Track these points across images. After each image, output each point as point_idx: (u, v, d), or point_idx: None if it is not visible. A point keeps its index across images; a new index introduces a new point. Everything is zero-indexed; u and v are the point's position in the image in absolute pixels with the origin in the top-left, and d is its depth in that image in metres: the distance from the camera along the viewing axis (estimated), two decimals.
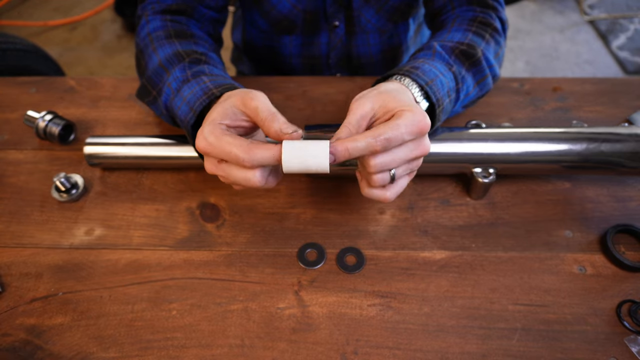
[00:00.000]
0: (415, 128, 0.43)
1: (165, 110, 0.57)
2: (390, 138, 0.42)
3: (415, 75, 0.51)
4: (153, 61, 0.59)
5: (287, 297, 0.53)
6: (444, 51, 0.57)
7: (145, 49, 0.61)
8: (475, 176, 0.58)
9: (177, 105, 0.53)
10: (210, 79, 0.53)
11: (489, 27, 0.63)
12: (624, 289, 0.53)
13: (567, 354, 0.48)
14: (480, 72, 0.60)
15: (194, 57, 0.58)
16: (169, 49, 0.59)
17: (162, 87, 0.57)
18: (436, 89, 0.52)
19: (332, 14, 0.76)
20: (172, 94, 0.55)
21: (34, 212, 0.61)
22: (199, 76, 0.54)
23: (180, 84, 0.54)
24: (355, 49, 0.83)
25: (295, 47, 0.83)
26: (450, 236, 0.58)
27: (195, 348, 0.49)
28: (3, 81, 0.79)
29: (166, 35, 0.61)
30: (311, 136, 0.53)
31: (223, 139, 0.44)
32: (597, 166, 0.57)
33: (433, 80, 0.52)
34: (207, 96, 0.51)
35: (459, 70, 0.57)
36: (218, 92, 0.50)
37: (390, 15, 0.78)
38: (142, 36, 0.63)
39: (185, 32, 0.62)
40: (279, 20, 0.78)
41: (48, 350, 0.49)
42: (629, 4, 2.42)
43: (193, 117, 0.51)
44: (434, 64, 0.54)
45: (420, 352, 0.49)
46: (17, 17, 2.38)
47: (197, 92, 0.52)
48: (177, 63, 0.57)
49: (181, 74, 0.55)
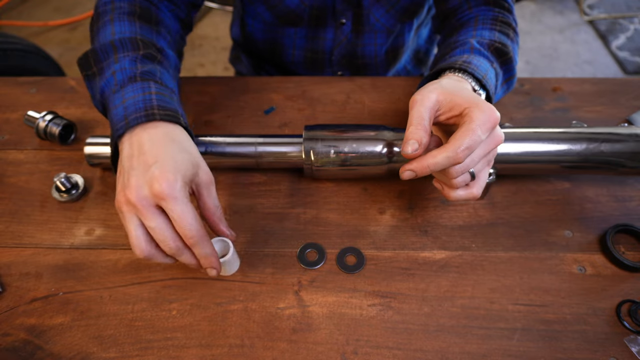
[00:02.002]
0: (489, 124, 0.43)
1: (100, 96, 0.53)
2: (470, 146, 0.43)
3: (472, 69, 0.51)
4: (105, 33, 0.55)
5: (287, 297, 0.53)
6: (482, 48, 0.57)
7: (102, 15, 0.58)
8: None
9: (114, 102, 0.50)
10: (157, 89, 0.50)
11: (509, 26, 0.63)
12: (623, 289, 0.53)
13: (567, 354, 0.48)
14: (510, 71, 0.59)
15: (149, 51, 0.54)
16: (127, 28, 0.56)
17: (105, 68, 0.53)
18: (490, 83, 0.52)
19: (341, 11, 0.76)
20: (114, 85, 0.51)
21: (34, 212, 0.61)
22: (147, 80, 0.51)
23: (125, 79, 0.51)
24: (360, 47, 0.83)
25: (299, 39, 0.83)
26: (450, 236, 0.58)
27: (195, 348, 0.49)
28: (3, 81, 0.79)
29: (130, 11, 0.57)
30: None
31: (188, 204, 0.44)
32: (597, 166, 0.57)
33: (486, 73, 0.52)
34: (146, 114, 0.47)
35: (497, 67, 0.57)
36: (159, 115, 0.47)
37: (400, 15, 0.77)
38: (104, 0, 0.59)
39: (151, 15, 0.59)
40: (286, 14, 0.77)
41: (48, 350, 0.49)
42: (629, 4, 2.42)
43: (124, 128, 0.47)
44: (480, 58, 0.54)
45: (420, 352, 0.49)
46: (18, 17, 2.38)
47: (137, 102, 0.48)
48: (130, 51, 0.53)
49: (130, 66, 0.52)
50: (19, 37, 1.27)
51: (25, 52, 1.23)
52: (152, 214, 0.43)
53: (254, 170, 0.65)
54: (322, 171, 0.58)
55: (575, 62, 2.16)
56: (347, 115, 0.72)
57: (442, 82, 0.48)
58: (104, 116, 0.56)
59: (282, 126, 0.71)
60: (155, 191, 0.43)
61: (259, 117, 0.72)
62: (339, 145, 0.57)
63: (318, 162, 0.57)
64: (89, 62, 0.55)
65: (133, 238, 0.44)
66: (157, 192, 0.43)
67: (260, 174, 0.65)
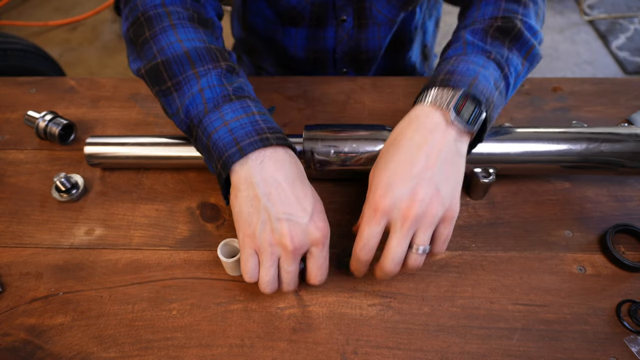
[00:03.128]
0: (377, 216, 0.44)
1: (185, 116, 0.49)
2: (365, 244, 0.45)
3: (454, 83, 0.46)
4: (171, 41, 0.50)
5: (287, 297, 0.53)
6: (476, 39, 0.52)
7: (156, 18, 0.51)
8: (475, 176, 0.58)
9: (212, 125, 0.46)
10: (257, 109, 0.48)
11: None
12: (623, 289, 0.53)
13: (567, 353, 0.48)
14: (525, 45, 0.52)
15: (229, 63, 0.51)
16: (194, 35, 0.51)
17: (184, 84, 0.49)
18: (482, 87, 0.46)
19: (341, 7, 0.75)
20: (204, 104, 0.47)
21: (34, 212, 0.61)
22: (243, 98, 0.48)
23: (219, 99, 0.47)
24: (364, 42, 0.82)
25: (300, 39, 0.82)
26: None
27: (195, 348, 0.49)
28: (3, 81, 0.79)
29: (189, 17, 0.53)
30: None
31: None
32: (597, 166, 0.57)
33: (475, 78, 0.46)
34: (261, 139, 0.45)
35: (501, 54, 0.51)
36: (272, 139, 0.45)
37: (402, 5, 0.76)
38: (152, 3, 0.53)
39: (204, 19, 0.55)
40: (287, 10, 0.77)
41: (48, 350, 0.49)
42: (629, 4, 2.42)
43: (238, 155, 0.44)
44: (469, 58, 0.49)
45: (420, 352, 0.49)
46: (17, 17, 2.38)
47: (245, 125, 0.46)
48: (211, 63, 0.49)
49: (219, 83, 0.48)
50: (19, 37, 1.27)
51: (25, 52, 1.23)
52: (294, 260, 0.45)
53: None
54: (322, 171, 0.58)
55: (575, 62, 2.16)
56: (347, 115, 0.72)
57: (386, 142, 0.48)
58: (187, 135, 0.52)
59: (282, 126, 0.71)
60: (315, 239, 0.45)
61: None
62: (339, 145, 0.57)
63: (318, 162, 0.57)
64: (162, 76, 0.50)
65: (268, 276, 0.46)
66: (316, 240, 0.45)
67: None
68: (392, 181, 0.43)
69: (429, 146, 0.44)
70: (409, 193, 0.42)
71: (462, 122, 0.44)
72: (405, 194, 0.42)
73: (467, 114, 0.45)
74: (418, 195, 0.42)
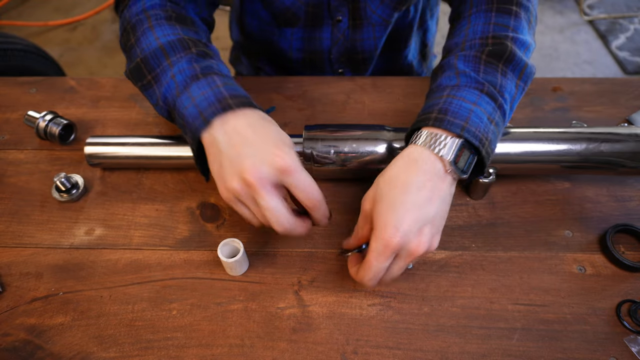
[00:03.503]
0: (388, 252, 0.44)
1: (163, 102, 0.53)
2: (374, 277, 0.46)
3: (447, 124, 0.47)
4: (149, 40, 0.54)
5: (287, 297, 0.53)
6: (468, 68, 0.52)
7: (138, 24, 0.56)
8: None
9: (183, 104, 0.50)
10: (222, 81, 0.51)
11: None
12: (623, 288, 0.53)
13: (567, 353, 0.48)
14: (518, 65, 0.52)
15: (200, 49, 0.54)
16: (170, 30, 0.55)
17: (161, 74, 0.53)
18: (474, 128, 0.47)
19: (336, 7, 0.76)
20: (176, 88, 0.51)
21: (35, 212, 0.61)
22: (209, 74, 0.51)
23: (187, 79, 0.51)
24: (359, 42, 0.82)
25: (296, 40, 0.83)
26: (450, 236, 0.58)
27: (195, 348, 0.49)
28: (3, 81, 0.79)
29: (166, 16, 0.57)
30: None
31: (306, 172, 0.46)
32: (597, 166, 0.57)
33: (468, 119, 0.47)
34: (222, 106, 0.48)
35: (494, 83, 0.51)
36: (234, 104, 0.48)
37: (395, 4, 0.76)
38: (136, 11, 0.58)
39: (185, 17, 0.59)
40: (282, 12, 0.77)
41: (48, 350, 0.49)
42: (629, 4, 2.42)
43: (203, 124, 0.47)
44: (462, 94, 0.49)
45: (420, 352, 0.49)
46: (17, 17, 2.38)
47: (209, 96, 0.49)
48: (182, 52, 0.53)
49: (188, 66, 0.52)
50: (19, 37, 1.27)
51: (25, 52, 1.23)
52: (270, 193, 0.44)
53: None
54: (322, 171, 0.58)
55: (575, 62, 2.16)
56: (347, 115, 0.72)
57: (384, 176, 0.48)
58: (170, 122, 0.56)
59: (282, 126, 0.70)
60: (279, 166, 0.44)
61: None
62: (339, 145, 0.57)
63: (318, 162, 0.57)
64: (142, 72, 0.54)
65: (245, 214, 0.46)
66: (280, 167, 0.44)
67: None
68: (402, 222, 0.44)
69: (431, 190, 0.46)
70: (417, 233, 0.45)
71: (457, 171, 0.47)
72: (413, 233, 0.44)
73: (463, 162, 0.47)
74: (424, 237, 0.45)
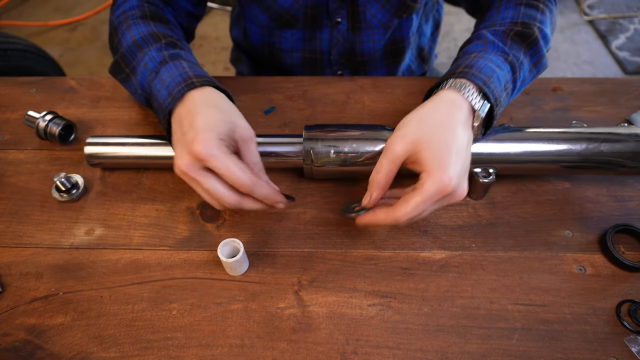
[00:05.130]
0: (439, 196, 0.44)
1: (140, 90, 0.58)
2: (413, 216, 0.45)
3: (471, 76, 0.49)
4: (126, 38, 0.60)
5: (287, 297, 0.53)
6: (496, 39, 0.54)
7: (119, 26, 0.62)
8: (475, 176, 0.58)
9: (156, 88, 0.53)
10: (189, 65, 0.54)
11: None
12: (623, 288, 0.53)
13: (567, 353, 0.48)
14: (537, 53, 0.55)
15: (170, 40, 0.58)
16: (144, 27, 0.60)
17: (136, 65, 0.57)
18: (494, 87, 0.49)
19: (335, 9, 0.76)
20: (149, 74, 0.55)
21: (34, 212, 0.61)
22: (177, 59, 0.55)
23: (157, 65, 0.55)
24: (359, 45, 0.82)
25: (296, 41, 0.83)
26: (450, 236, 0.58)
27: (195, 348, 0.49)
28: (3, 81, 0.79)
29: (142, 15, 0.62)
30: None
31: (229, 157, 0.45)
32: (597, 166, 0.57)
33: (490, 77, 0.50)
34: (187, 84, 0.51)
35: (517, 57, 0.53)
36: (198, 82, 0.51)
37: (396, 10, 0.77)
38: (117, 14, 0.64)
39: (160, 16, 0.64)
40: (280, 15, 0.78)
41: (48, 350, 0.49)
42: (629, 4, 2.42)
43: (172, 103, 0.51)
44: (489, 56, 0.52)
45: (420, 352, 0.49)
46: (17, 17, 2.38)
47: (175, 77, 0.52)
48: (153, 43, 0.58)
49: (157, 54, 0.56)
50: (19, 37, 1.27)
51: (25, 52, 1.23)
52: (202, 177, 0.46)
53: None
54: (322, 171, 0.58)
55: (575, 62, 2.16)
56: (347, 115, 0.72)
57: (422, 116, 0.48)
58: (150, 109, 0.59)
59: (282, 126, 0.71)
60: (194, 154, 0.45)
61: (259, 117, 0.72)
62: (339, 145, 0.57)
63: (318, 162, 0.57)
64: (121, 67, 0.60)
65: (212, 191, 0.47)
66: (196, 155, 0.45)
67: None
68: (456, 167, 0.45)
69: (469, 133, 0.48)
70: (465, 180, 0.46)
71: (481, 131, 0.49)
72: (462, 180, 0.45)
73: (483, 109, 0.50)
74: (465, 183, 0.47)
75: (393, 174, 0.48)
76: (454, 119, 0.47)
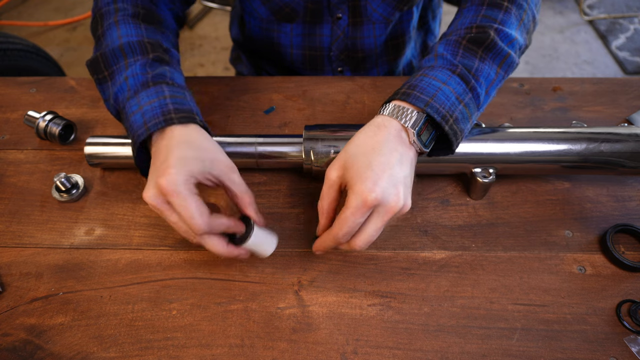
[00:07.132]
0: (364, 209, 0.45)
1: (114, 101, 0.55)
2: (349, 231, 0.46)
3: (413, 98, 0.50)
4: (112, 37, 0.57)
5: (287, 297, 0.53)
6: (447, 52, 0.55)
7: (106, 15, 0.59)
8: (475, 176, 0.58)
9: (131, 109, 0.52)
10: (171, 93, 0.53)
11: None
12: (623, 288, 0.53)
13: (567, 353, 0.48)
14: (499, 54, 0.54)
15: (157, 54, 0.56)
16: (134, 30, 0.57)
17: (116, 74, 0.55)
18: (438, 105, 0.50)
19: (336, 4, 0.76)
20: (127, 90, 0.53)
21: (35, 212, 0.61)
22: (160, 83, 0.53)
23: (139, 86, 0.53)
24: (360, 40, 0.82)
25: (296, 36, 0.83)
26: (450, 236, 0.58)
27: (195, 348, 0.49)
28: (3, 81, 0.79)
29: (133, 13, 0.59)
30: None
31: (191, 197, 0.46)
32: (597, 166, 0.57)
33: (433, 96, 0.50)
34: (165, 119, 0.50)
35: (469, 66, 0.53)
36: (177, 119, 0.50)
37: (397, 3, 0.77)
38: (106, 1, 0.60)
39: (153, 16, 0.61)
40: (281, 7, 0.77)
41: (48, 350, 0.49)
42: (629, 4, 2.42)
43: (145, 134, 0.50)
44: (434, 74, 0.52)
45: (420, 352, 0.49)
46: (18, 17, 2.38)
47: (154, 108, 0.51)
48: (140, 55, 0.55)
49: (141, 71, 0.54)
50: (19, 37, 1.27)
51: (25, 52, 1.23)
52: (165, 210, 0.47)
53: (254, 170, 0.65)
54: (322, 171, 0.58)
55: (575, 62, 2.16)
56: (347, 115, 0.72)
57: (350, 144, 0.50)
58: (117, 119, 0.58)
59: (282, 126, 0.71)
60: (159, 187, 0.46)
61: (259, 117, 0.72)
62: (339, 145, 0.57)
63: (318, 162, 0.57)
64: (100, 66, 0.57)
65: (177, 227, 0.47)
66: (160, 188, 0.46)
67: (260, 174, 0.65)
68: (379, 178, 0.46)
69: (401, 154, 0.48)
70: (394, 191, 0.46)
71: (420, 143, 0.49)
72: (390, 190, 0.46)
73: (426, 136, 0.50)
74: (400, 193, 0.47)
75: (333, 199, 0.50)
76: (378, 137, 0.49)
